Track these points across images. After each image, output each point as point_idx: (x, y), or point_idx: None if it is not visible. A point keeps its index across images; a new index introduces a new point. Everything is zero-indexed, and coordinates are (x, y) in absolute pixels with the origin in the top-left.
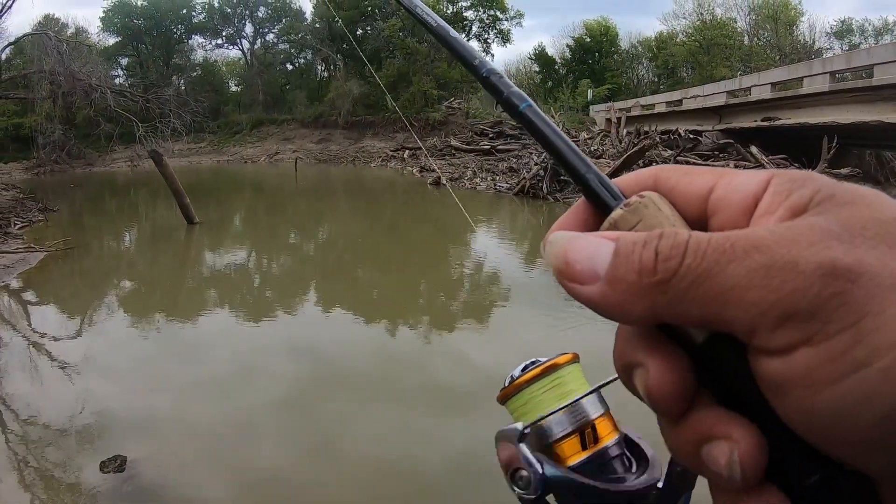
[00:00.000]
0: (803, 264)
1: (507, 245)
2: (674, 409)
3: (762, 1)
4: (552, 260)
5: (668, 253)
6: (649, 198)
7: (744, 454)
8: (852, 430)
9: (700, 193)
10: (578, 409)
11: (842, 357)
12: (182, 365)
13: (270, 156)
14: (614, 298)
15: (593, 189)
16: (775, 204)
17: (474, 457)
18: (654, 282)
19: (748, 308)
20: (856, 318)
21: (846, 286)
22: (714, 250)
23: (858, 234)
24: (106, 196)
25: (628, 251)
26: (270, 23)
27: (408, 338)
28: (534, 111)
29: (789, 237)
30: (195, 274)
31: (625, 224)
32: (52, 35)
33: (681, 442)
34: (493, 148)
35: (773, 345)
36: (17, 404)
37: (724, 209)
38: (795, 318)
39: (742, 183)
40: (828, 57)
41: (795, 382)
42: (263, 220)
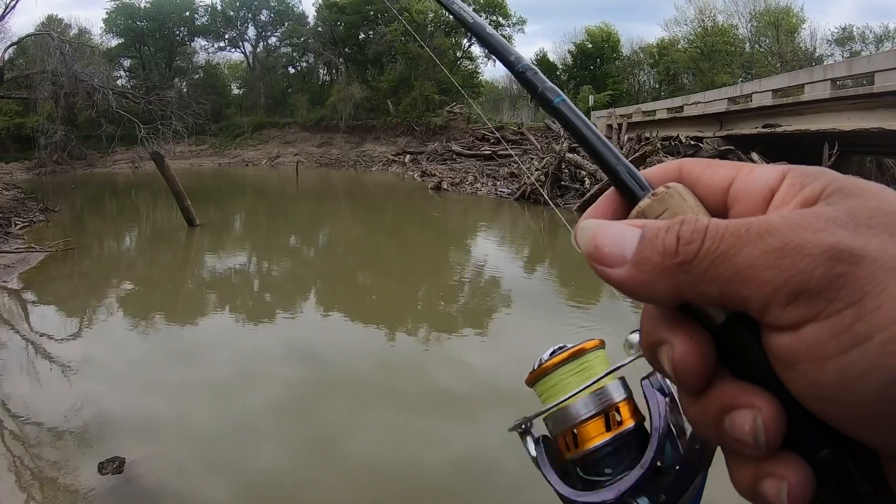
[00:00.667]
0: (811, 247)
1: (508, 250)
2: (697, 382)
3: (764, 8)
4: (583, 244)
5: (689, 237)
6: (675, 188)
7: (767, 419)
8: (857, 400)
9: (721, 185)
10: (603, 392)
11: (845, 332)
12: (181, 367)
13: (271, 159)
14: (640, 279)
15: (623, 180)
16: (790, 196)
17: (474, 460)
18: (676, 263)
19: (762, 287)
20: (858, 296)
21: (850, 268)
22: (731, 234)
23: (863, 223)
24: (107, 197)
25: (653, 235)
26: (273, 26)
27: (408, 342)
28: (567, 105)
29: (799, 223)
30: (195, 276)
31: (652, 212)
32: (55, 36)
33: (703, 414)
34: (494, 153)
35: (783, 321)
36: (16, 404)
37: (743, 200)
38: (804, 296)
39: (760, 176)
40: (829, 64)
41: (803, 355)
42: (264, 223)
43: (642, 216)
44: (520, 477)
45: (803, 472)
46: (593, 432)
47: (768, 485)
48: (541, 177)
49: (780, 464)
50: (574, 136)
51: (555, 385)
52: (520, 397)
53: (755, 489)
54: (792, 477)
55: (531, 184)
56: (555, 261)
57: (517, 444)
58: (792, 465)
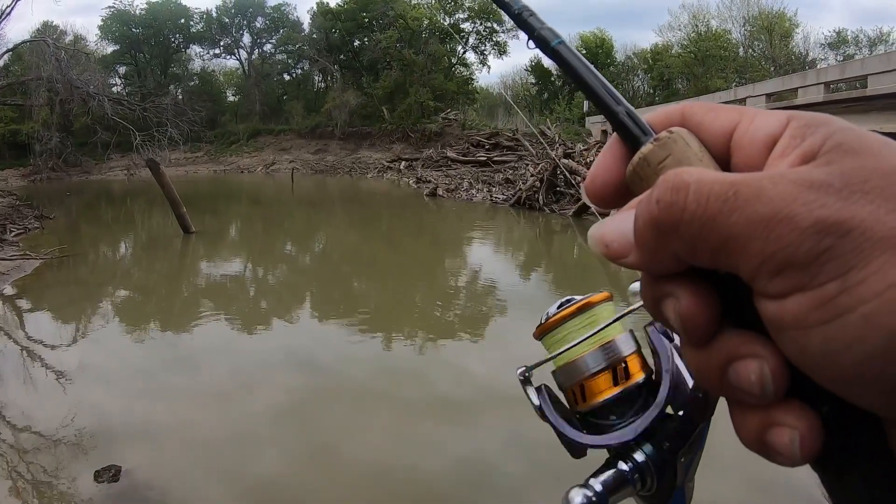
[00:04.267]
0: (799, 220)
1: (504, 256)
2: (705, 334)
3: (757, 12)
4: (596, 249)
5: (669, 198)
6: (678, 133)
7: (773, 368)
8: (840, 368)
9: (724, 131)
10: (611, 346)
11: (829, 303)
12: (178, 374)
13: (267, 166)
14: (647, 259)
15: (624, 124)
16: (790, 148)
17: (474, 464)
18: (665, 230)
19: (750, 258)
20: (843, 270)
21: (836, 241)
22: (717, 197)
23: (858, 188)
24: (102, 204)
25: (641, 211)
26: (268, 33)
27: (406, 348)
28: (566, 48)
29: (790, 192)
30: (192, 284)
31: (654, 158)
32: (51, 42)
33: (707, 364)
34: (489, 159)
35: (769, 290)
36: (12, 412)
37: (745, 147)
38: (791, 268)
39: (762, 123)
40: (822, 68)
41: (788, 324)
42: (260, 230)
43: (645, 162)
44: (520, 480)
45: (813, 421)
46: (602, 386)
47: (778, 434)
48: (536, 182)
49: (788, 412)
50: (574, 79)
51: (563, 339)
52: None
53: (763, 439)
54: (803, 425)
55: (526, 190)
56: (550, 266)
57: (517, 447)
58: (801, 412)
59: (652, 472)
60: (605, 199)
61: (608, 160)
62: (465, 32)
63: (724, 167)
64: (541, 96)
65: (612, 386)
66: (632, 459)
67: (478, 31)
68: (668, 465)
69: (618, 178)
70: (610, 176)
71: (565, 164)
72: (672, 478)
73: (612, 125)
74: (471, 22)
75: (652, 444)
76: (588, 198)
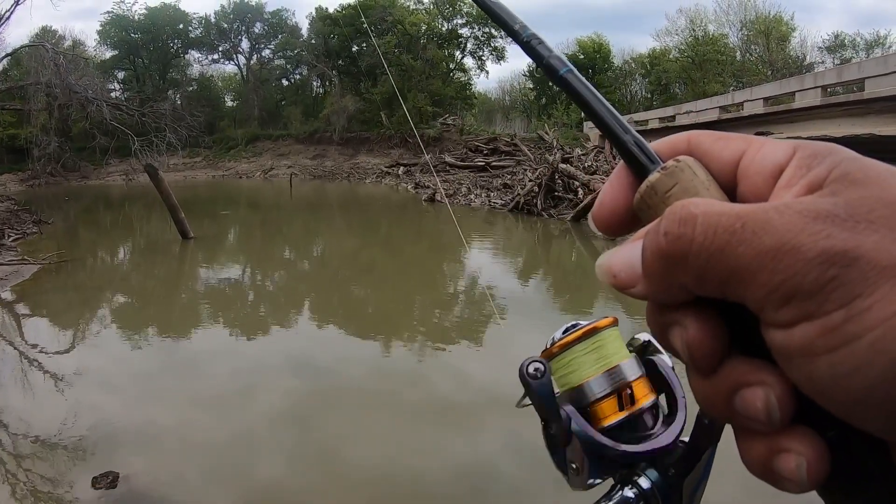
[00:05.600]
0: (805, 250)
1: (503, 260)
2: (711, 363)
3: (754, 16)
4: (604, 279)
5: (677, 231)
6: (685, 162)
7: (780, 395)
8: (847, 393)
9: (731, 160)
10: (617, 371)
11: (835, 331)
12: (176, 380)
13: (265, 171)
14: (655, 289)
15: (632, 152)
16: (796, 178)
17: (475, 468)
18: (673, 261)
19: (757, 288)
20: (849, 298)
21: (842, 271)
22: (725, 230)
23: (863, 218)
24: (101, 209)
25: (649, 243)
26: (267, 38)
27: (406, 352)
28: (574, 76)
29: (796, 223)
30: (190, 289)
31: (661, 187)
32: (50, 47)
33: (714, 392)
34: (487, 164)
35: (777, 319)
36: (9, 417)
37: (751, 176)
38: (797, 298)
39: (769, 153)
40: (819, 71)
41: (796, 352)
42: (259, 235)
43: (652, 191)
44: (520, 484)
45: (820, 446)
46: (608, 411)
47: (785, 460)
48: (534, 187)
49: (794, 438)
50: (582, 107)
51: (568, 363)
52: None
53: (770, 466)
54: (809, 451)
55: (523, 195)
56: (549, 271)
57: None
58: (807, 439)
59: (658, 499)
60: (612, 226)
61: (615, 188)
62: (463, 38)
63: (730, 196)
64: (539, 101)
65: (618, 411)
66: (637, 486)
67: (476, 36)
68: (673, 492)
69: (625, 206)
70: (617, 204)
71: (564, 168)
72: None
73: (619, 153)
74: (469, 27)
75: (657, 471)
76: (595, 225)
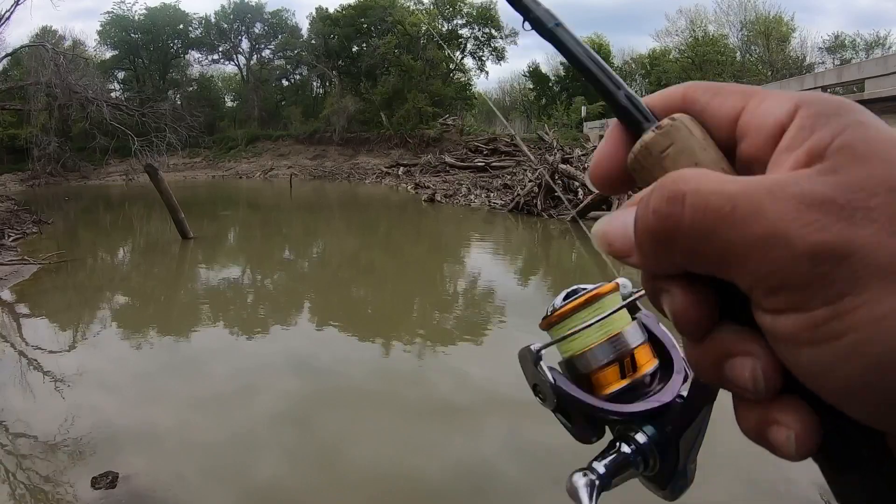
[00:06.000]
0: (796, 243)
1: (503, 261)
2: (697, 330)
3: (754, 17)
4: (599, 247)
5: (666, 210)
6: (680, 120)
7: (766, 367)
8: (830, 384)
9: (729, 116)
10: (619, 338)
11: (820, 327)
12: (176, 380)
13: (265, 171)
14: (648, 261)
15: (625, 109)
16: (798, 140)
17: (475, 468)
18: (661, 240)
19: (746, 276)
20: (837, 296)
21: (832, 269)
22: (714, 212)
23: (861, 204)
24: (100, 209)
25: (640, 215)
26: (267, 39)
27: (406, 352)
28: (563, 30)
29: (789, 212)
30: (190, 289)
31: (656, 147)
32: (50, 47)
33: (703, 358)
34: (487, 165)
35: (765, 305)
36: (8, 417)
37: (751, 135)
38: (785, 290)
39: (770, 109)
40: (819, 72)
41: (781, 338)
42: (259, 235)
43: (646, 151)
44: (520, 483)
45: (810, 419)
46: (610, 378)
47: (775, 431)
48: (534, 188)
49: (786, 410)
50: (572, 63)
51: (570, 331)
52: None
53: (762, 434)
54: (799, 424)
55: (524, 195)
56: (549, 271)
57: (517, 450)
58: (799, 411)
59: (655, 454)
60: (608, 185)
61: (610, 146)
62: (463, 38)
63: (729, 154)
64: (539, 101)
65: (620, 379)
66: (634, 441)
67: (476, 36)
68: (670, 447)
69: (621, 165)
70: (613, 162)
71: (563, 169)
72: (675, 459)
73: (612, 110)
74: (469, 28)
75: (655, 427)
76: (592, 183)
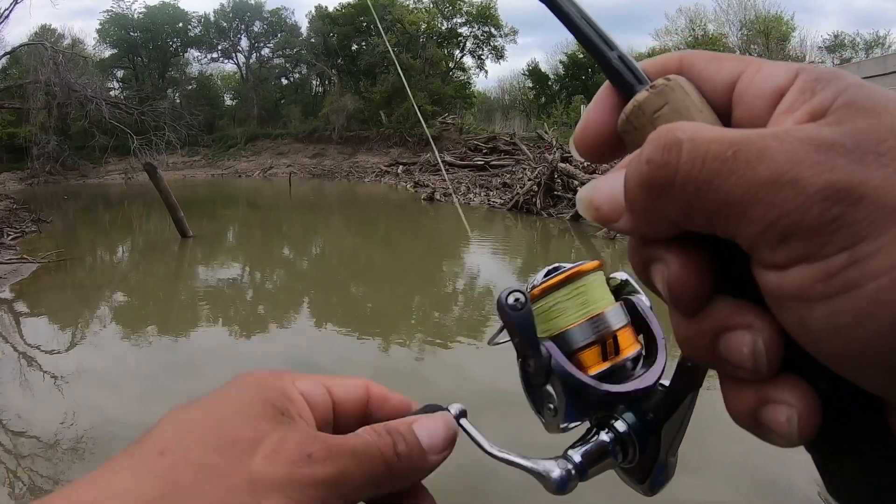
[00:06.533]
0: (807, 184)
1: (502, 259)
2: (693, 302)
3: (754, 16)
4: (586, 213)
5: (661, 158)
6: (676, 81)
7: (768, 340)
8: (843, 345)
9: (726, 81)
10: (600, 319)
11: (835, 276)
12: (177, 378)
13: (265, 170)
14: (639, 223)
15: (617, 70)
16: (798, 102)
17: (473, 468)
18: (656, 192)
19: (750, 224)
20: (853, 240)
21: (847, 209)
22: (714, 158)
23: (871, 150)
24: (100, 208)
25: (631, 171)
26: (266, 37)
27: (405, 351)
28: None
29: (797, 153)
30: (190, 288)
31: (649, 106)
32: (49, 46)
33: (697, 335)
34: (486, 163)
35: (771, 260)
36: (8, 416)
37: (749, 100)
38: (796, 237)
39: (769, 74)
40: None
41: (790, 296)
42: (258, 234)
43: (639, 110)
44: (519, 483)
45: (812, 398)
46: (590, 361)
47: (774, 411)
48: (533, 187)
49: (785, 388)
50: (564, 21)
51: (549, 310)
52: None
53: (757, 417)
54: (801, 402)
55: (524, 194)
56: None
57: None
58: (799, 389)
59: (634, 444)
60: (596, 151)
61: (600, 110)
62: (462, 36)
63: (725, 121)
64: (538, 100)
65: (601, 361)
66: (613, 430)
67: (476, 35)
68: (651, 436)
69: (610, 129)
70: (602, 127)
71: (563, 168)
72: (655, 450)
73: (604, 72)
74: (469, 26)
75: (635, 414)
76: (578, 151)
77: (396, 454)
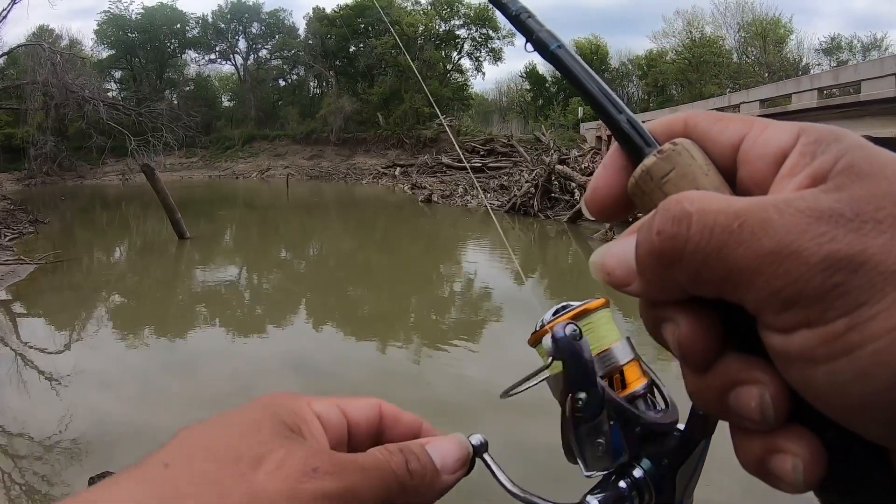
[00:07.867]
0: (808, 255)
1: (499, 262)
2: (703, 360)
3: (752, 19)
4: (597, 276)
5: (671, 230)
6: (682, 145)
7: (774, 394)
8: (845, 402)
9: (731, 142)
10: (608, 354)
11: (836, 340)
12: (174, 380)
13: (262, 172)
14: (650, 288)
15: (626, 133)
16: (799, 166)
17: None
18: (667, 261)
19: (756, 292)
20: (853, 306)
21: (847, 277)
22: (721, 230)
23: (869, 217)
24: (97, 209)
25: (642, 240)
26: (264, 39)
27: (403, 352)
28: (565, 52)
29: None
30: (187, 289)
31: (657, 171)
32: (46, 46)
33: (707, 389)
34: (484, 165)
35: (776, 324)
36: (5, 418)
37: (752, 161)
38: (799, 305)
39: (771, 136)
40: (815, 73)
41: (794, 357)
42: (256, 235)
43: (647, 175)
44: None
45: (817, 447)
46: None
47: (780, 460)
48: (531, 188)
49: (791, 438)
50: (574, 84)
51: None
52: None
53: (765, 465)
54: (806, 451)
55: (521, 196)
56: (545, 272)
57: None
58: (804, 439)
59: (650, 489)
60: (606, 211)
61: (610, 171)
62: (460, 39)
63: (729, 180)
64: (535, 102)
65: None
66: (629, 476)
67: (473, 37)
68: (666, 481)
69: (620, 190)
70: (611, 188)
71: (560, 170)
72: (671, 494)
73: (613, 134)
74: (466, 28)
75: (650, 460)
76: (589, 210)
77: (409, 472)
